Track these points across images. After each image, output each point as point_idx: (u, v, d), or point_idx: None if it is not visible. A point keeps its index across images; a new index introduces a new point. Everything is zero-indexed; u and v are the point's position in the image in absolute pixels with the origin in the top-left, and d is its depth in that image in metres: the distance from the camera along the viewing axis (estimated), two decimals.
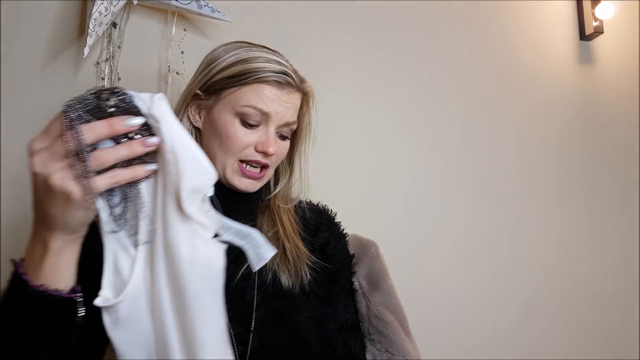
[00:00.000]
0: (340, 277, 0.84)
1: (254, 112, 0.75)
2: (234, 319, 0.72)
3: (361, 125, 1.36)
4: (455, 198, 1.45)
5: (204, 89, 0.78)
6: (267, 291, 0.76)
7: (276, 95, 0.76)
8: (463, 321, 1.40)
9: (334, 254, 0.85)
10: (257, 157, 0.77)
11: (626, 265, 1.65)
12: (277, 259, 0.77)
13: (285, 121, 0.78)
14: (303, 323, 0.75)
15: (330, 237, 0.87)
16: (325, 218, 0.90)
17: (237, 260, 0.75)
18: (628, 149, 1.71)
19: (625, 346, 1.59)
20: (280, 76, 0.76)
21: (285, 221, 0.82)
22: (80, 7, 1.12)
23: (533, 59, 1.60)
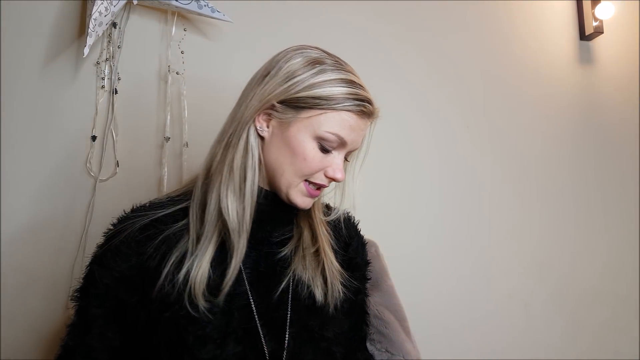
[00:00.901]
0: (362, 287, 0.85)
1: (335, 139, 0.72)
2: (269, 337, 0.71)
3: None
4: (455, 198, 1.45)
5: (283, 102, 0.73)
6: (300, 307, 0.75)
7: (357, 124, 0.74)
8: (463, 321, 1.40)
9: (359, 264, 0.85)
10: (324, 182, 0.75)
11: (626, 265, 1.65)
12: (314, 274, 0.76)
13: (355, 148, 0.78)
14: (333, 340, 0.75)
15: (358, 248, 0.86)
16: (353, 230, 0.89)
17: (273, 274, 0.75)
18: (628, 149, 1.71)
19: (625, 346, 1.59)
20: (366, 106, 0.74)
21: (324, 234, 0.81)
22: (80, 7, 1.12)
23: (533, 59, 1.60)
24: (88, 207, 1.09)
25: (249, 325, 0.71)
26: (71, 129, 1.10)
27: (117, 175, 1.12)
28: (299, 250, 0.78)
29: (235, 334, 0.70)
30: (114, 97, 1.12)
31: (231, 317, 0.70)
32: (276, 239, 0.78)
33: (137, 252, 0.72)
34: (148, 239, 0.72)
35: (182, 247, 0.72)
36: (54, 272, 1.06)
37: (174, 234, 0.73)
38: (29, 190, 1.06)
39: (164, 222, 0.74)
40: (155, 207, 0.77)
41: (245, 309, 0.72)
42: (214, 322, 0.69)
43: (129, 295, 0.70)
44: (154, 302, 0.70)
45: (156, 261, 0.71)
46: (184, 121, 1.17)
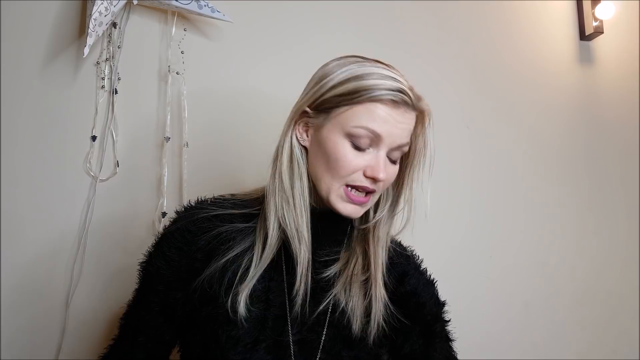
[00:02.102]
0: (435, 327, 0.81)
1: (365, 134, 0.69)
2: (299, 354, 0.71)
3: None
4: (455, 198, 1.45)
5: (314, 106, 0.72)
6: (336, 334, 0.73)
7: (390, 115, 0.69)
8: (463, 321, 1.40)
9: (423, 303, 0.80)
10: (365, 183, 0.70)
11: (626, 265, 1.65)
12: (357, 303, 0.73)
13: (398, 144, 0.71)
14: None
15: (418, 287, 0.81)
16: (412, 265, 0.84)
17: (314, 293, 0.73)
18: (628, 149, 1.71)
19: (625, 346, 1.59)
20: (396, 94, 0.69)
21: (379, 259, 0.75)
22: (80, 7, 1.12)
23: (533, 59, 1.60)
24: (88, 207, 1.09)
25: (281, 338, 0.71)
26: (71, 129, 1.10)
27: (117, 175, 1.12)
28: (344, 275, 0.74)
29: (266, 342, 0.70)
30: (114, 97, 1.12)
31: (265, 325, 0.70)
32: (321, 258, 0.75)
33: (189, 242, 0.74)
34: (201, 231, 0.74)
35: (238, 249, 0.73)
36: (54, 272, 1.06)
37: (227, 233, 0.74)
38: (29, 190, 1.06)
39: (222, 219, 0.75)
40: (218, 204, 0.78)
41: (280, 321, 0.71)
42: (249, 327, 0.69)
43: (176, 281, 0.74)
44: (196, 291, 0.71)
45: (204, 254, 0.73)
46: (184, 121, 1.17)
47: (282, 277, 0.74)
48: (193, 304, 0.72)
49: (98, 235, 1.09)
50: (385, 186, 0.74)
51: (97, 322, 1.07)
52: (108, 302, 1.08)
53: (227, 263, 0.72)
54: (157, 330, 0.76)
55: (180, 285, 0.74)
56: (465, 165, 1.47)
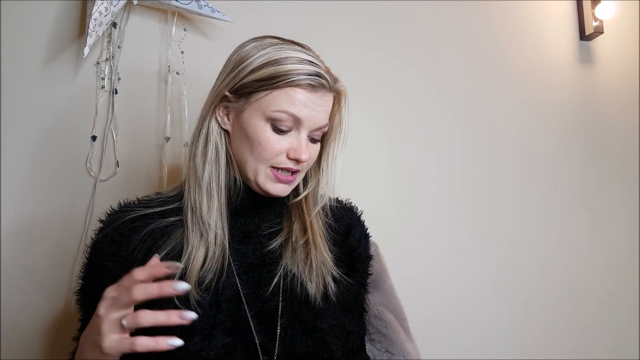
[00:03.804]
0: (364, 280, 0.83)
1: (286, 117, 0.71)
2: (259, 327, 0.71)
3: (359, 125, 1.36)
4: (455, 198, 1.45)
5: (233, 90, 0.74)
6: (292, 299, 0.73)
7: (309, 99, 0.71)
8: (463, 321, 1.40)
9: (362, 256, 0.83)
10: (289, 165, 0.74)
11: (626, 265, 1.65)
12: (304, 267, 0.75)
13: (318, 126, 0.74)
14: (327, 331, 0.73)
15: (361, 239, 0.84)
16: (355, 218, 0.87)
17: (262, 266, 0.74)
18: (628, 149, 1.71)
19: (625, 346, 1.59)
20: (314, 79, 0.71)
21: (315, 227, 0.78)
22: (80, 7, 1.12)
23: (533, 59, 1.60)
24: (88, 207, 1.09)
25: (238, 316, 0.71)
26: (71, 129, 1.10)
27: (117, 175, 1.12)
28: (289, 243, 0.77)
29: (223, 325, 0.69)
30: (114, 97, 1.12)
31: (219, 309, 0.70)
32: (264, 231, 0.77)
33: (122, 245, 0.73)
34: (132, 232, 0.73)
35: (172, 242, 0.72)
36: (54, 272, 1.06)
37: (160, 229, 0.74)
38: (29, 190, 1.06)
39: (151, 217, 0.75)
40: (144, 204, 0.79)
41: (234, 301, 0.71)
42: (202, 315, 0.68)
43: None
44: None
45: (141, 254, 0.72)
46: (184, 121, 1.17)
47: (229, 260, 0.74)
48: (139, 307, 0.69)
49: None
50: (309, 165, 0.78)
51: None
52: None
53: (166, 258, 0.71)
54: None
55: None
56: (465, 165, 1.47)
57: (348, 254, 0.81)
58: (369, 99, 1.39)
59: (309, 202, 0.81)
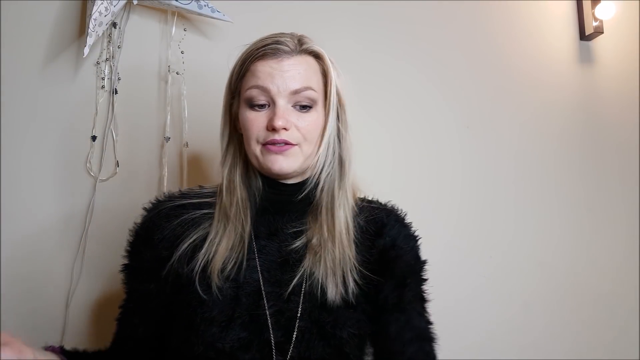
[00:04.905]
0: (411, 282, 0.78)
1: (256, 92, 0.73)
2: (276, 326, 0.71)
3: (358, 125, 1.36)
4: (454, 197, 1.45)
5: (231, 95, 0.79)
6: (312, 302, 0.72)
7: (272, 67, 0.73)
8: (462, 321, 1.40)
9: (399, 255, 0.78)
10: (272, 136, 0.72)
11: (626, 265, 1.64)
12: (325, 269, 0.73)
13: (293, 89, 0.73)
14: (346, 340, 0.71)
15: (397, 239, 0.79)
16: (392, 217, 0.82)
17: (286, 265, 0.74)
18: (628, 149, 1.71)
19: (625, 346, 1.59)
20: (271, 46, 0.73)
21: (338, 221, 0.75)
22: (80, 7, 1.12)
23: (533, 59, 1.60)
24: (88, 207, 1.09)
25: (257, 312, 0.71)
26: (71, 129, 1.10)
27: (117, 175, 1.12)
28: (311, 244, 0.75)
29: (241, 319, 0.70)
30: (114, 97, 1.12)
31: (239, 302, 0.71)
32: (289, 229, 0.77)
33: (154, 233, 0.76)
34: (166, 222, 0.77)
35: (200, 231, 0.75)
36: (54, 272, 1.06)
37: (192, 219, 0.77)
38: (29, 190, 1.06)
39: (186, 208, 0.78)
40: (184, 196, 0.81)
41: (254, 296, 0.72)
42: (221, 306, 0.70)
43: (147, 272, 0.76)
44: (167, 281, 0.74)
45: (169, 243, 0.75)
46: (184, 121, 1.17)
47: (254, 255, 0.75)
48: (166, 294, 0.75)
49: (98, 235, 1.09)
50: (307, 135, 0.75)
51: (97, 322, 1.07)
52: (108, 302, 1.08)
53: (194, 248, 0.74)
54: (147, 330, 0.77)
55: (152, 277, 0.76)
56: (464, 165, 1.47)
57: (380, 256, 0.78)
58: (369, 99, 1.39)
59: (332, 200, 0.78)
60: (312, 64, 0.77)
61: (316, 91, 0.75)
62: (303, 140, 0.75)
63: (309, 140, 0.75)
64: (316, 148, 0.76)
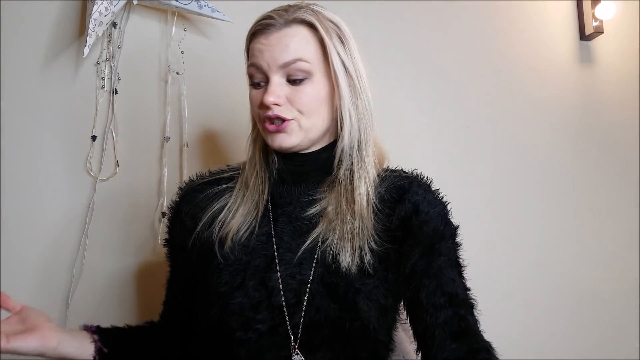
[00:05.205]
0: (439, 247, 0.75)
1: (253, 70, 0.75)
2: (287, 289, 0.72)
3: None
4: (454, 198, 1.44)
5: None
6: (324, 266, 0.72)
7: (262, 43, 0.73)
8: None
9: (425, 221, 0.75)
10: (265, 112, 0.73)
11: (626, 265, 1.65)
12: (340, 236, 0.73)
13: (282, 62, 0.71)
14: (361, 304, 0.70)
15: (420, 204, 0.76)
16: (415, 184, 0.79)
17: (299, 231, 0.76)
18: (628, 149, 1.71)
19: (625, 346, 1.59)
20: (259, 23, 0.75)
21: (358, 192, 0.74)
22: (80, 7, 1.12)
23: (533, 59, 1.60)
24: (88, 207, 1.09)
25: (268, 275, 0.73)
26: (71, 129, 1.10)
27: (117, 175, 1.12)
28: (326, 212, 0.75)
29: (252, 281, 0.73)
30: (114, 97, 1.12)
31: (250, 265, 0.74)
32: (306, 197, 0.78)
33: (181, 209, 0.84)
34: (194, 196, 0.83)
35: (221, 202, 0.80)
36: (54, 271, 1.06)
37: (215, 193, 0.82)
38: (28, 190, 1.06)
39: (210, 184, 0.84)
40: (213, 174, 0.87)
41: (267, 260, 0.74)
42: (235, 269, 0.74)
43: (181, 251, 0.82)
44: (192, 252, 0.80)
45: (193, 215, 0.82)
46: (184, 121, 1.17)
47: (269, 223, 0.78)
48: (191, 263, 0.81)
49: (98, 235, 1.09)
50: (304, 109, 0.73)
51: (97, 322, 1.07)
52: (108, 302, 1.08)
53: (214, 216, 0.79)
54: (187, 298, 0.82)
55: (182, 248, 0.82)
56: (464, 165, 1.47)
57: (401, 223, 0.75)
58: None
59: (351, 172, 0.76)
60: (305, 34, 0.74)
61: (309, 62, 0.73)
62: (299, 114, 0.73)
63: (307, 113, 0.74)
64: (320, 119, 0.75)
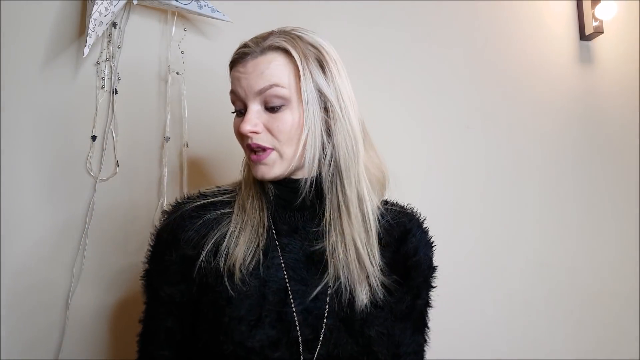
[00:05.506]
0: (422, 291, 0.81)
1: (233, 98, 0.75)
2: (304, 324, 0.71)
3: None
4: (454, 197, 1.45)
5: None
6: (339, 301, 0.72)
7: (239, 71, 0.73)
8: (463, 321, 1.40)
9: (419, 264, 0.80)
10: (245, 141, 0.73)
11: (626, 265, 1.65)
12: (351, 271, 0.73)
13: (257, 89, 0.71)
14: (375, 338, 0.71)
15: (419, 247, 0.81)
16: (415, 222, 0.84)
17: (310, 264, 0.74)
18: (628, 149, 1.71)
19: (625, 346, 1.59)
20: (237, 53, 0.75)
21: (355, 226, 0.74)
22: (80, 7, 1.12)
23: (533, 59, 1.60)
24: (88, 207, 1.09)
25: (284, 310, 0.71)
26: (71, 129, 1.10)
27: (117, 175, 1.12)
28: (335, 244, 0.74)
29: (269, 317, 0.70)
30: (114, 97, 1.12)
31: (266, 300, 0.71)
32: (311, 228, 0.76)
33: (178, 235, 0.75)
34: (190, 221, 0.76)
35: (222, 229, 0.75)
36: (54, 272, 1.06)
37: (214, 218, 0.76)
38: (29, 190, 1.06)
39: (207, 208, 0.78)
40: (204, 196, 0.81)
41: (280, 294, 0.72)
42: (249, 304, 0.70)
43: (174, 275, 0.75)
44: (194, 282, 0.74)
45: (195, 243, 0.75)
46: (184, 121, 1.17)
47: (277, 253, 0.74)
48: (193, 295, 0.74)
49: (98, 235, 1.09)
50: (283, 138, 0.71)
51: (97, 322, 1.07)
52: (108, 302, 1.08)
53: (217, 244, 0.73)
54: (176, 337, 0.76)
55: (179, 278, 0.75)
56: (464, 165, 1.47)
57: (402, 260, 0.79)
58: (368, 99, 1.38)
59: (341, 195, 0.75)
60: (281, 60, 0.72)
61: (285, 87, 0.71)
62: (278, 142, 0.72)
63: (285, 142, 0.72)
64: (299, 148, 0.73)
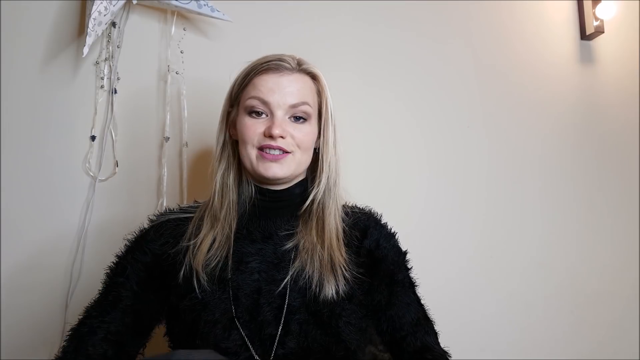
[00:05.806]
0: (397, 276, 0.85)
1: (256, 102, 0.79)
2: (275, 322, 0.75)
3: (358, 127, 1.36)
4: (454, 197, 1.45)
5: (230, 104, 0.85)
6: (308, 296, 0.78)
7: (272, 81, 0.79)
8: (463, 321, 1.40)
9: (385, 255, 0.86)
10: (268, 142, 0.78)
11: (626, 265, 1.64)
12: (319, 267, 0.79)
13: (291, 103, 0.80)
14: (343, 328, 0.76)
15: (379, 239, 0.87)
16: (372, 220, 0.90)
17: (280, 264, 0.80)
18: (628, 149, 1.71)
19: (625, 346, 1.59)
20: (275, 62, 0.80)
21: (328, 227, 0.82)
22: (80, 7, 1.12)
23: (534, 59, 1.60)
24: (87, 207, 1.09)
25: (256, 310, 0.76)
26: (71, 129, 1.10)
27: (117, 175, 1.12)
28: (304, 244, 0.81)
29: (242, 318, 0.75)
30: (114, 96, 1.12)
31: (239, 303, 0.76)
32: (282, 232, 0.82)
33: (157, 242, 0.82)
34: (167, 231, 0.83)
35: (195, 238, 0.81)
36: (53, 271, 1.06)
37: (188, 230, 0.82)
38: (28, 189, 1.06)
39: (182, 220, 0.84)
40: (184, 209, 0.88)
41: (253, 296, 0.77)
42: (223, 308, 0.76)
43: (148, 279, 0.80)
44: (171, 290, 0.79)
45: (168, 248, 0.81)
46: (184, 121, 1.17)
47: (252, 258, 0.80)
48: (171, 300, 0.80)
49: (98, 235, 1.09)
50: (301, 145, 0.81)
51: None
52: None
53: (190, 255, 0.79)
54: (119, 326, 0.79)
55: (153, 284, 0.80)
56: (465, 165, 1.47)
57: (368, 256, 0.84)
58: (368, 99, 1.38)
59: (321, 204, 0.84)
60: (309, 83, 0.83)
61: (311, 107, 0.82)
62: (297, 148, 0.81)
63: (302, 149, 0.82)
64: (308, 157, 0.84)
